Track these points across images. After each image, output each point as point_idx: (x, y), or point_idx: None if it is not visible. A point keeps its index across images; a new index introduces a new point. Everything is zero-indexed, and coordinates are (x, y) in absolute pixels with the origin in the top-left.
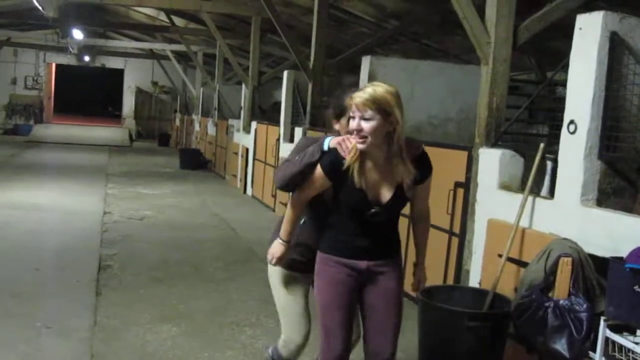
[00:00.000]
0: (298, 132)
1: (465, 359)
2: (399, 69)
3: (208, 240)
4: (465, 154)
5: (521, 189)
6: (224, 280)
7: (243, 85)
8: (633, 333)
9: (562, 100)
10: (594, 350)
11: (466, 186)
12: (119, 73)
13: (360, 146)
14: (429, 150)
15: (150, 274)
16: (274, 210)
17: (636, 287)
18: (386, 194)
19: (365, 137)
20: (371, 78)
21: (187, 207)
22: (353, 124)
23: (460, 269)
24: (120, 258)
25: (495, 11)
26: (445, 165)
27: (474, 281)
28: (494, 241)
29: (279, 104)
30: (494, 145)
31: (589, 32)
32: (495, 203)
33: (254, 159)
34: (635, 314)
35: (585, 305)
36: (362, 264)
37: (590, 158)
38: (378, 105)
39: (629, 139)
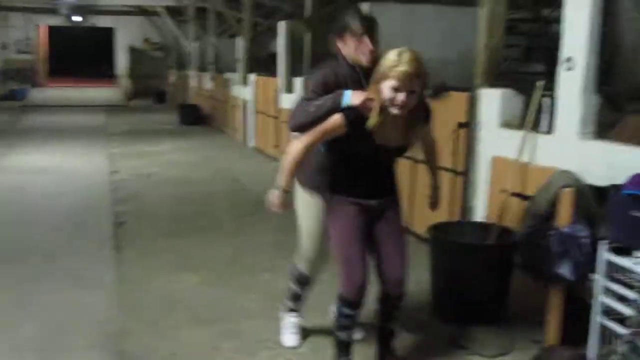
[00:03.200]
0: (297, 82)
1: (475, 290)
2: (398, 14)
3: (216, 193)
4: (466, 95)
5: (522, 126)
6: (236, 230)
7: (237, 38)
8: (630, 254)
9: (558, 37)
10: (595, 272)
11: (468, 126)
12: (110, 32)
13: (395, 112)
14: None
15: (164, 228)
16: (277, 160)
17: (633, 212)
18: (394, 141)
19: (405, 107)
20: None
21: (191, 162)
22: (399, 97)
23: (466, 206)
24: (133, 214)
25: None
26: (447, 106)
27: (479, 217)
28: (498, 177)
29: (275, 55)
30: (493, 85)
31: None
32: (497, 141)
33: (255, 111)
34: (632, 236)
35: (586, 232)
36: (372, 202)
37: (587, 93)
38: (423, 78)
39: (625, 73)
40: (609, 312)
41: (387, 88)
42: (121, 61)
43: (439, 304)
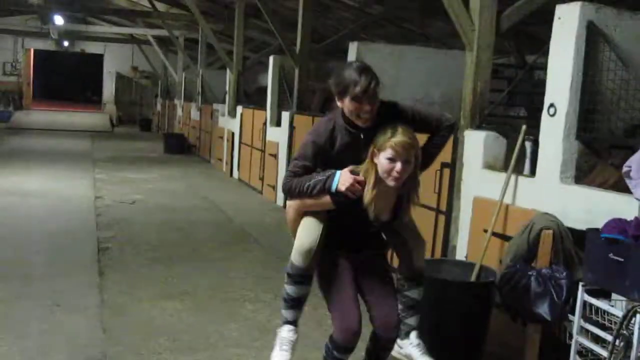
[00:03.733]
0: (285, 116)
1: (453, 328)
2: (385, 54)
3: (200, 222)
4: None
5: (504, 168)
6: (220, 259)
7: (227, 70)
8: (608, 297)
9: (540, 83)
10: (573, 313)
11: (452, 166)
12: (99, 58)
13: (392, 184)
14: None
15: (148, 254)
16: (261, 193)
17: (611, 255)
18: (386, 214)
19: (401, 177)
20: None
21: (176, 190)
22: (397, 167)
23: (447, 245)
24: (117, 240)
25: (479, 0)
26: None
27: (460, 256)
28: (480, 217)
29: (263, 88)
30: (478, 127)
31: (568, 22)
32: (480, 182)
33: (240, 142)
34: (609, 279)
35: (565, 273)
36: (360, 255)
37: (568, 139)
38: (416, 149)
39: (604, 121)
40: (584, 353)
41: (383, 159)
42: (108, 87)
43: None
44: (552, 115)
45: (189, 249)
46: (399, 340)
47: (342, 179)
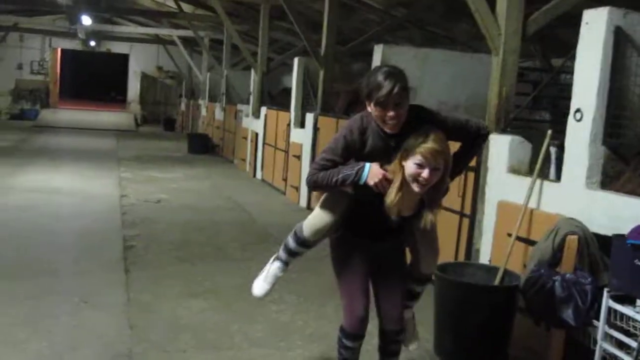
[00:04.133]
0: (309, 117)
1: (478, 331)
2: (410, 57)
3: (224, 222)
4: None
5: (529, 172)
6: (244, 259)
7: (252, 71)
8: (633, 303)
9: (566, 87)
10: (598, 319)
11: (477, 170)
12: (124, 58)
13: (417, 190)
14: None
15: (173, 253)
16: (284, 194)
17: (636, 261)
18: (408, 211)
19: (427, 184)
20: None
21: (200, 190)
22: (424, 174)
23: (471, 248)
24: (142, 239)
25: (506, 4)
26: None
27: (484, 259)
28: (504, 221)
29: (287, 89)
30: (503, 131)
31: (595, 27)
32: (504, 186)
33: (264, 143)
34: (635, 285)
35: (589, 279)
36: (378, 244)
37: (595, 144)
38: (446, 157)
39: (631, 126)
40: (608, 359)
41: (412, 164)
42: (133, 87)
43: (441, 341)
44: (579, 121)
45: (213, 248)
46: None
47: (372, 172)
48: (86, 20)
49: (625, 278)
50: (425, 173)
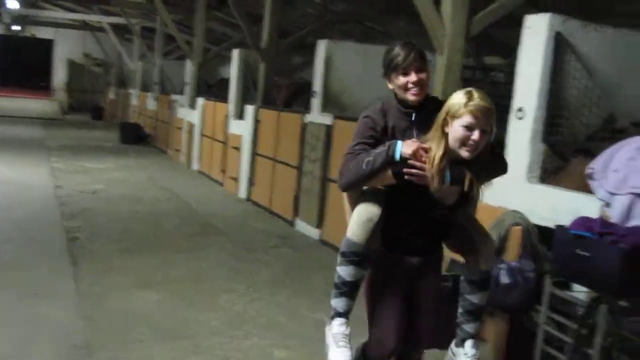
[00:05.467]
0: (249, 109)
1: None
2: (353, 53)
3: (166, 214)
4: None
5: None
6: (190, 250)
7: (186, 61)
8: (571, 288)
9: (497, 84)
10: (540, 304)
11: None
12: (48, 43)
13: (467, 154)
14: None
15: (118, 245)
16: (222, 185)
17: (577, 250)
18: (452, 195)
19: (477, 147)
20: (327, 62)
21: (136, 181)
22: (474, 136)
23: None
24: (85, 230)
25: (451, 5)
26: None
27: None
28: None
29: (225, 80)
30: None
31: (537, 31)
32: None
33: (201, 134)
34: (576, 272)
35: (532, 267)
36: (414, 259)
37: (535, 141)
38: (494, 118)
39: (568, 125)
40: (550, 341)
41: (459, 127)
42: (58, 74)
43: None
44: (520, 119)
45: (158, 240)
46: (452, 347)
47: (406, 144)
48: (12, 3)
49: (566, 265)
50: (475, 135)
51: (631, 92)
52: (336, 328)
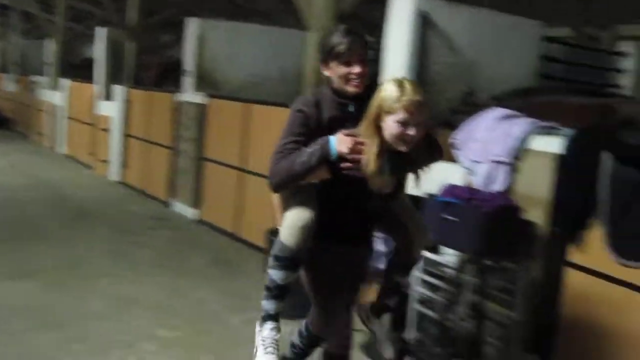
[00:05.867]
0: (118, 90)
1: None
2: (223, 31)
3: (35, 201)
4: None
5: None
6: (66, 237)
7: (46, 40)
8: (440, 252)
9: (370, 62)
10: None
11: None
12: None
13: (403, 149)
14: (261, 108)
15: None
16: (91, 168)
17: (446, 215)
18: (389, 185)
19: (413, 141)
20: (200, 41)
21: None
22: (410, 131)
23: None
24: None
25: None
26: (278, 121)
27: None
28: None
29: (89, 60)
30: None
31: (402, 11)
32: None
33: (67, 117)
34: (445, 236)
35: None
36: (350, 249)
37: None
38: (428, 106)
39: (433, 100)
40: (424, 302)
41: (393, 123)
42: None
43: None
44: None
45: (30, 227)
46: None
47: (340, 141)
48: None
49: (436, 231)
50: (411, 131)
51: (490, 68)
52: (267, 332)
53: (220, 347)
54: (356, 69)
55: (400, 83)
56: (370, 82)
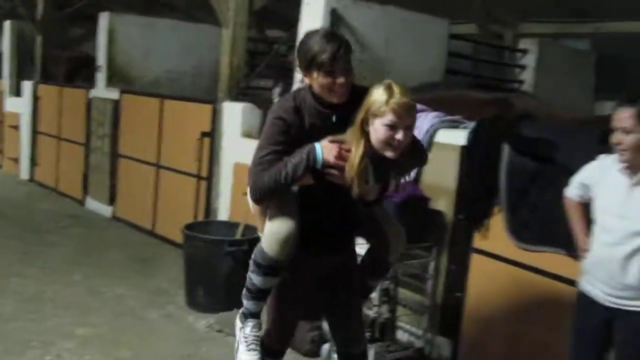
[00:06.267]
0: (27, 85)
1: (226, 281)
2: (137, 27)
3: None
4: (210, 107)
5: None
6: None
7: None
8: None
9: (280, 56)
10: None
11: (212, 135)
12: None
13: (391, 154)
14: (175, 104)
15: None
16: (0, 166)
17: None
18: (374, 192)
19: (401, 146)
20: (111, 35)
21: None
22: (398, 135)
23: (210, 209)
24: None
25: None
26: (192, 117)
27: (222, 217)
28: (239, 182)
29: None
30: (235, 99)
31: (314, 7)
32: (239, 149)
33: None
34: None
35: None
36: (330, 258)
37: None
38: (415, 110)
39: None
40: None
41: (381, 126)
42: None
43: (194, 295)
44: None
45: None
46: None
47: (326, 149)
48: None
49: None
50: (399, 134)
51: (399, 64)
52: (249, 330)
53: (139, 343)
54: (340, 80)
55: (388, 86)
56: (352, 87)
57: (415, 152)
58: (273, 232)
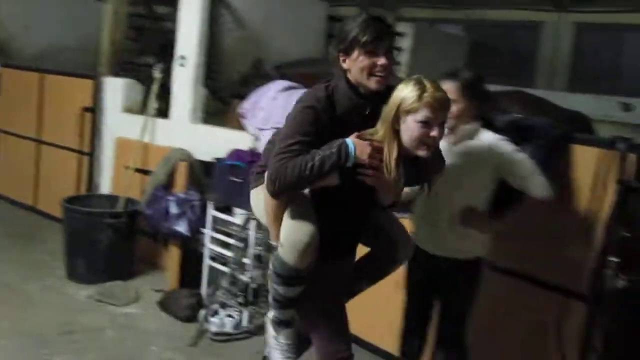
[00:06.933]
0: None
1: (106, 252)
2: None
3: None
4: (91, 82)
5: (142, 111)
6: None
7: None
8: (230, 211)
9: (168, 33)
10: (205, 227)
11: (93, 110)
12: None
13: (424, 154)
14: (56, 79)
15: None
16: None
17: (232, 177)
18: (396, 195)
19: (435, 145)
20: None
21: None
22: (433, 132)
23: (92, 183)
24: None
25: None
26: (73, 91)
27: (104, 191)
28: (122, 156)
29: None
30: (117, 74)
31: None
32: (120, 124)
33: None
34: (232, 196)
35: (198, 196)
36: (346, 260)
37: (196, 86)
38: (449, 108)
39: (224, 72)
40: (215, 258)
41: (415, 123)
42: None
43: (74, 267)
44: (183, 66)
45: None
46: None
47: (360, 146)
48: None
49: (224, 192)
50: (435, 131)
51: (278, 43)
52: (283, 338)
53: (18, 313)
54: (382, 61)
55: (419, 80)
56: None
57: (437, 155)
58: (290, 238)
